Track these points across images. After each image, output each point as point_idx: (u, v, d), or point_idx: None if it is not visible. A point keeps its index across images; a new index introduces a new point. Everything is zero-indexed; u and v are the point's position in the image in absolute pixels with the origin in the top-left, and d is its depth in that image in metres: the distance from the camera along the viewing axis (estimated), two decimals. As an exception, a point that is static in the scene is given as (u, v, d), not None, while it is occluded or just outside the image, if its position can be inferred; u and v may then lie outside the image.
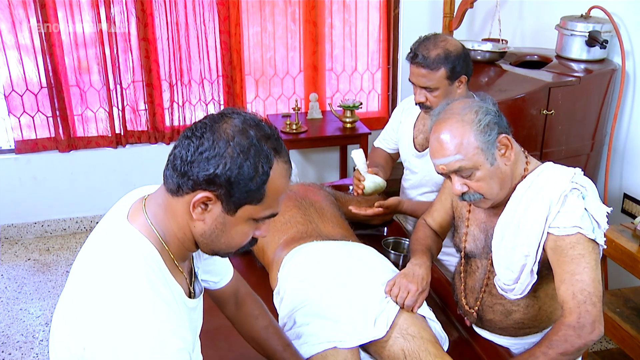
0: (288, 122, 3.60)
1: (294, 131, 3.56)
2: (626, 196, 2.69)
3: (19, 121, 3.54)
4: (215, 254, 1.09)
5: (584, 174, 1.46)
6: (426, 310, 1.58)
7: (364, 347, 1.53)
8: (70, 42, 3.45)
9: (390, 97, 4.11)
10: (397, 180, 2.39)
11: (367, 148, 3.59)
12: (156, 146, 3.78)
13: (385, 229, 2.27)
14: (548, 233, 1.40)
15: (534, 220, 1.41)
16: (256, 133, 0.98)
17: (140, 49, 3.54)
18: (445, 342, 1.57)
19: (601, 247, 1.40)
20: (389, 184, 2.14)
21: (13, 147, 3.61)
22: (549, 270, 1.45)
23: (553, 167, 1.47)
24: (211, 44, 3.66)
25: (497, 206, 1.50)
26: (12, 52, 3.40)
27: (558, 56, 2.77)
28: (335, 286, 1.57)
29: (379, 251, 1.79)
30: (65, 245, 3.66)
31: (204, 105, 3.80)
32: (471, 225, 1.61)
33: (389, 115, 4.00)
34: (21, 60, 3.42)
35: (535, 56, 2.89)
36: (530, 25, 3.25)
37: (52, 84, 3.49)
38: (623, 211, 2.70)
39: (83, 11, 3.41)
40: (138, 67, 3.59)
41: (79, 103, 3.61)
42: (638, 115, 2.63)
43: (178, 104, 3.75)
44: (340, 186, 2.51)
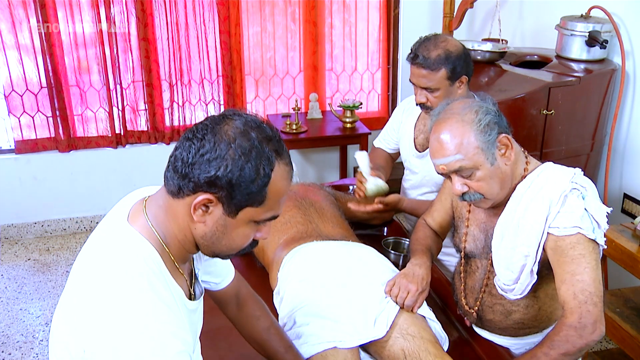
0: (288, 122, 3.60)
1: (294, 131, 3.56)
2: (626, 196, 2.69)
3: (19, 121, 3.54)
4: (215, 255, 1.09)
5: (584, 174, 1.46)
6: (426, 310, 1.58)
7: (364, 347, 1.53)
8: (70, 42, 3.45)
9: (390, 97, 4.11)
10: (397, 180, 2.39)
11: (367, 148, 3.59)
12: (156, 146, 3.78)
13: (385, 229, 2.27)
14: (548, 233, 1.40)
15: (534, 221, 1.41)
16: (258, 135, 0.98)
17: (140, 49, 3.54)
18: (445, 342, 1.57)
19: (601, 247, 1.40)
20: (389, 185, 2.13)
21: (13, 147, 3.61)
22: (549, 271, 1.45)
23: (553, 167, 1.47)
24: (211, 44, 3.66)
25: (497, 206, 1.50)
26: (12, 52, 3.40)
27: (558, 56, 2.77)
28: (335, 286, 1.57)
29: (379, 251, 1.79)
30: (65, 245, 3.66)
31: (204, 105, 3.80)
32: (471, 226, 1.61)
33: (389, 115, 4.00)
34: (21, 60, 3.42)
35: (535, 56, 2.89)
36: (530, 25, 3.25)
37: (52, 84, 3.49)
38: (623, 211, 2.70)
39: (83, 11, 3.41)
40: (138, 67, 3.59)
41: (79, 103, 3.61)
42: (638, 115, 2.63)
43: (178, 104, 3.75)
44: (340, 186, 2.51)
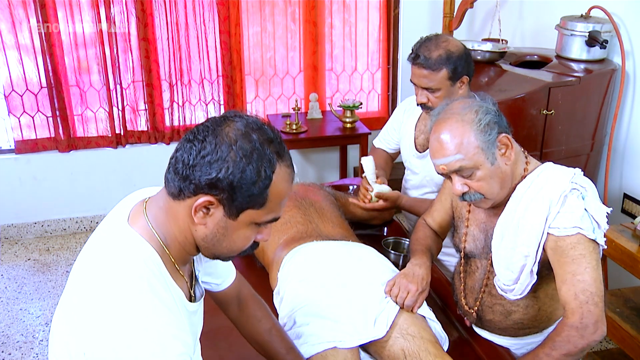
0: (288, 122, 3.60)
1: (294, 131, 3.56)
2: (626, 196, 2.69)
3: (19, 121, 3.54)
4: (216, 257, 1.08)
5: (584, 174, 1.46)
6: (426, 310, 1.58)
7: (364, 347, 1.53)
8: (70, 42, 3.45)
9: (390, 97, 4.11)
10: (397, 180, 2.39)
11: (367, 148, 3.59)
12: (156, 146, 3.78)
13: (385, 229, 2.27)
14: (548, 233, 1.40)
15: (533, 221, 1.41)
16: (259, 137, 0.97)
17: (140, 49, 3.54)
18: (445, 342, 1.57)
19: (601, 247, 1.40)
20: (389, 185, 2.14)
21: (13, 147, 3.61)
22: (548, 271, 1.45)
23: (553, 168, 1.47)
24: (211, 44, 3.66)
25: (497, 206, 1.50)
26: (12, 52, 3.40)
27: (558, 56, 2.77)
28: (335, 286, 1.57)
29: (379, 251, 1.79)
30: (65, 245, 3.66)
31: (204, 105, 3.80)
32: (471, 226, 1.61)
33: (388, 115, 3.99)
34: (21, 60, 3.42)
35: (535, 56, 2.89)
36: (530, 25, 3.25)
37: (52, 84, 3.48)
38: (623, 211, 2.70)
39: (83, 11, 3.41)
40: (138, 67, 3.59)
41: (79, 103, 3.61)
42: (638, 115, 2.63)
43: (178, 104, 3.75)
44: (340, 186, 2.51)
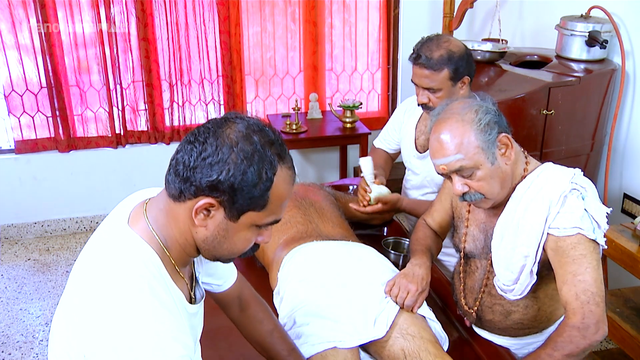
0: (288, 122, 3.60)
1: (294, 131, 3.56)
2: (626, 196, 2.69)
3: (19, 121, 3.54)
4: (217, 259, 1.08)
5: (584, 174, 1.46)
6: (426, 310, 1.58)
7: (364, 347, 1.53)
8: (70, 42, 3.45)
9: (390, 97, 4.11)
10: (397, 180, 2.39)
11: (367, 148, 3.59)
12: (156, 146, 3.78)
13: (385, 229, 2.27)
14: (548, 234, 1.40)
15: (533, 221, 1.41)
16: (260, 139, 0.97)
17: (140, 49, 3.54)
18: (445, 342, 1.57)
19: (601, 247, 1.40)
20: (389, 185, 2.13)
21: (13, 147, 3.61)
22: (548, 271, 1.45)
23: (553, 168, 1.47)
24: (211, 44, 3.66)
25: (496, 206, 1.50)
26: (12, 52, 3.40)
27: (558, 56, 2.77)
28: (335, 286, 1.57)
29: (379, 251, 1.79)
30: (65, 245, 3.66)
31: (204, 105, 3.80)
32: (471, 226, 1.61)
33: (388, 115, 4.00)
34: (21, 60, 3.42)
35: (535, 56, 2.89)
36: (530, 25, 3.25)
37: (52, 84, 3.48)
38: (623, 211, 2.70)
39: (83, 11, 3.41)
40: (138, 67, 3.59)
41: (78, 103, 3.61)
42: (638, 115, 2.62)
43: (178, 104, 3.75)
44: (340, 186, 2.51)
